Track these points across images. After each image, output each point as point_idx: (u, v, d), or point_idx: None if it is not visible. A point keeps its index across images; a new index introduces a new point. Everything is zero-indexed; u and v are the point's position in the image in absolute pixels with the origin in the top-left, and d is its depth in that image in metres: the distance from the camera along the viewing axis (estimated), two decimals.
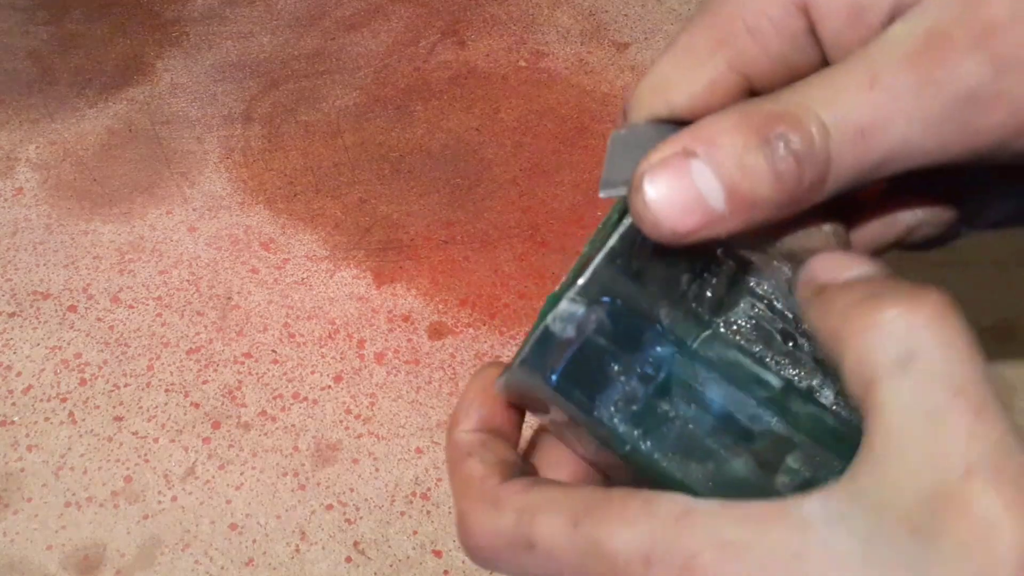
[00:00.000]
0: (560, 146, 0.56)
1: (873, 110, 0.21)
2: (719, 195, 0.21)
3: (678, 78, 0.24)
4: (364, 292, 0.49)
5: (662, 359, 0.24)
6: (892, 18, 0.21)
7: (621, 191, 0.23)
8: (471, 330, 0.48)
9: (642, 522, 0.20)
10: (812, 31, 0.23)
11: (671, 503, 0.20)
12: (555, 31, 0.63)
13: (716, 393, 0.24)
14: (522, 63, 0.61)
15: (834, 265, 0.21)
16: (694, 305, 0.24)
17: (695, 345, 0.24)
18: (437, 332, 0.48)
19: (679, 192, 0.21)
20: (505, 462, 0.24)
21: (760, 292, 0.25)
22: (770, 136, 0.21)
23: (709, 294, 0.24)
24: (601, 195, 0.24)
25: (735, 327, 0.25)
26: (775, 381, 0.24)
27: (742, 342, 0.24)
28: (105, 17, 0.64)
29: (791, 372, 0.24)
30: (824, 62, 0.23)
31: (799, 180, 0.21)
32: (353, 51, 0.62)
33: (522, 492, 0.22)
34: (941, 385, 0.19)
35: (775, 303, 0.25)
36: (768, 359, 0.24)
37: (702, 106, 0.24)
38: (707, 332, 0.24)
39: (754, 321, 0.25)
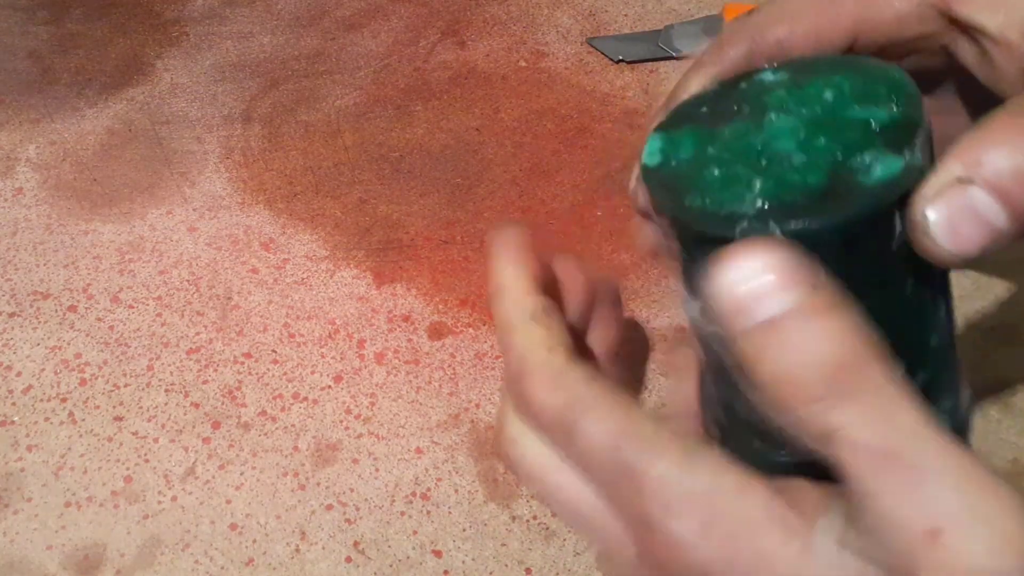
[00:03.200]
0: (560, 146, 0.56)
1: None
2: (1000, 214, 0.20)
3: (808, 26, 0.25)
4: (364, 292, 0.49)
5: None
6: None
7: None
8: (471, 330, 0.48)
9: (681, 468, 0.20)
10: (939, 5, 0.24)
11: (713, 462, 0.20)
12: (555, 31, 0.63)
13: None
14: (522, 63, 0.61)
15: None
16: None
17: None
18: (437, 332, 0.48)
19: (963, 222, 0.20)
20: (565, 342, 0.23)
21: None
22: None
23: None
24: None
25: None
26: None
27: None
28: (105, 17, 0.64)
29: None
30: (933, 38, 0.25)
31: None
32: (353, 51, 0.62)
33: (582, 382, 0.22)
34: None
35: None
36: None
37: (804, 44, 0.25)
38: None
39: None
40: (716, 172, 0.22)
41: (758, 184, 0.21)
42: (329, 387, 0.46)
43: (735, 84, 0.24)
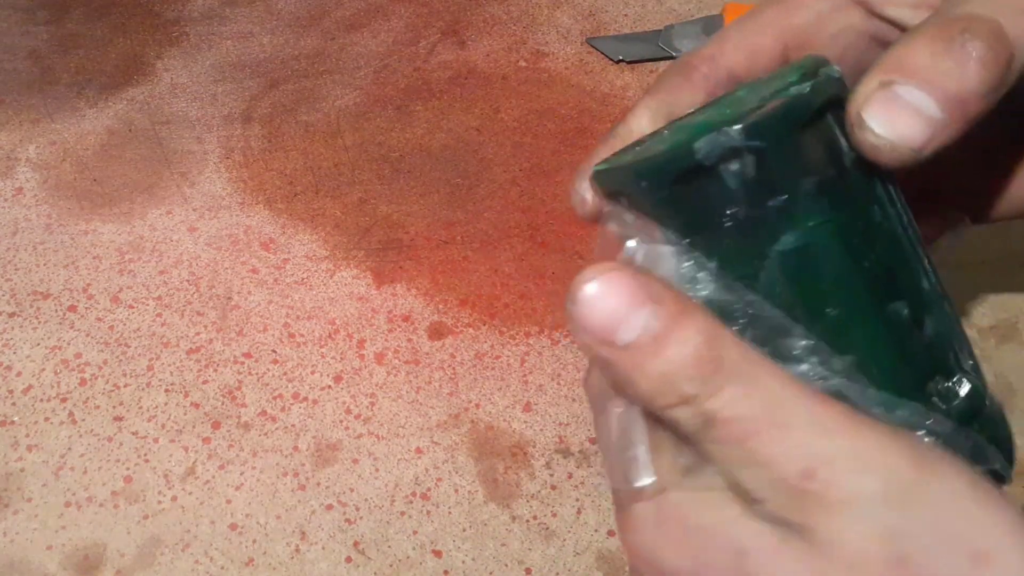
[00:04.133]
0: (560, 146, 0.56)
1: None
2: (929, 101, 0.22)
3: (737, 40, 0.28)
4: (364, 292, 0.49)
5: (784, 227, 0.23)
6: None
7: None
8: (471, 330, 0.48)
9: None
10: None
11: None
12: (555, 31, 0.63)
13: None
14: (522, 63, 0.61)
15: None
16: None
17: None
18: (437, 332, 0.48)
19: (898, 115, 0.22)
20: None
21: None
22: (955, 35, 0.22)
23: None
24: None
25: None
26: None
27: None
28: (105, 17, 0.64)
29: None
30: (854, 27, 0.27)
31: (996, 61, 0.22)
32: (353, 51, 0.62)
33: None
34: None
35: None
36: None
37: (748, 66, 0.28)
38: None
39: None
40: (659, 143, 0.24)
41: (700, 118, 0.23)
42: (329, 387, 0.46)
43: (663, 127, 0.27)
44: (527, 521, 0.42)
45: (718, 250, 0.23)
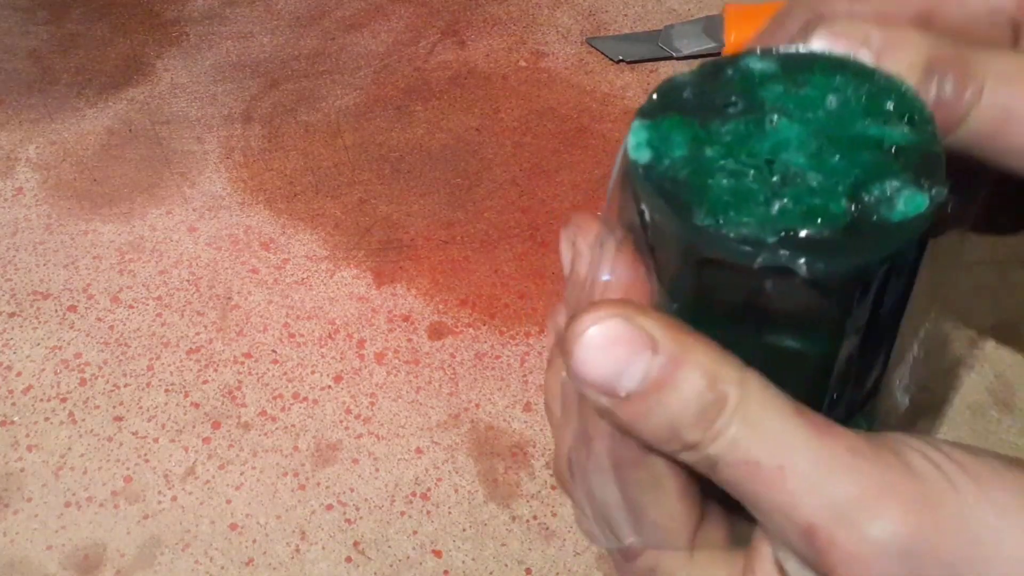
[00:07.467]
0: (560, 146, 0.56)
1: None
2: None
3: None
4: (364, 292, 0.49)
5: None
6: None
7: None
8: (471, 330, 0.48)
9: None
10: None
11: None
12: (555, 31, 0.63)
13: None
14: (522, 63, 0.61)
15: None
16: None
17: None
18: (437, 332, 0.48)
19: None
20: None
21: None
22: (936, 69, 0.21)
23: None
24: None
25: None
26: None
27: None
28: (105, 17, 0.64)
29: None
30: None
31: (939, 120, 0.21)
32: (353, 51, 0.62)
33: None
34: None
35: None
36: None
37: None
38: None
39: None
40: (724, 183, 0.20)
41: (776, 206, 0.19)
42: (329, 387, 0.46)
43: (720, 69, 0.22)
44: (527, 521, 0.42)
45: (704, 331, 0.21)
